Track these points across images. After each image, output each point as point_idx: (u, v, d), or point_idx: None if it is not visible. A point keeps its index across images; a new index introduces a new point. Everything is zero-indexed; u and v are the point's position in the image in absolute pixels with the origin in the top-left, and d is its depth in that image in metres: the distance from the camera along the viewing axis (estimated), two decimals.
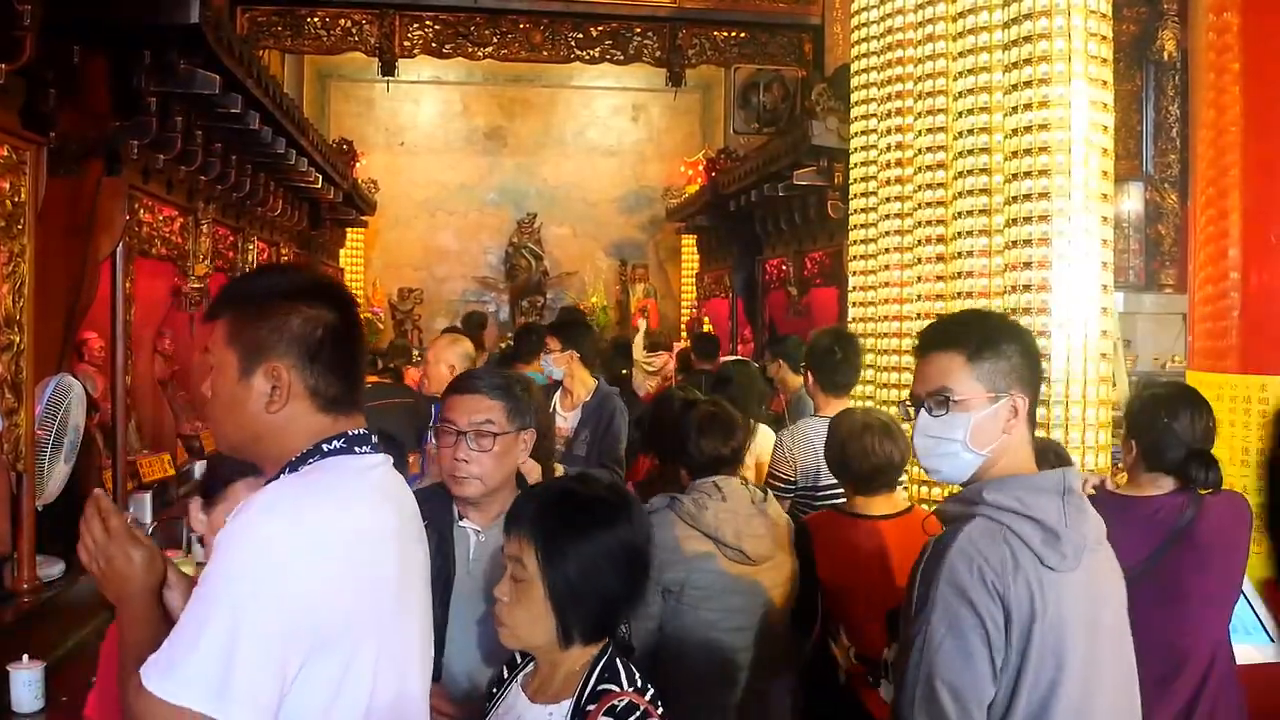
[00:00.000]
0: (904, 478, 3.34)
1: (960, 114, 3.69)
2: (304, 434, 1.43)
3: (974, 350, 1.73)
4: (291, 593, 1.28)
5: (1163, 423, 2.72)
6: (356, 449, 1.45)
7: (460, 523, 2.21)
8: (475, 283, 14.03)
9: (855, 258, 4.83)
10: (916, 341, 1.84)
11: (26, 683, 2.77)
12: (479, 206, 13.97)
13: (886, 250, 4.46)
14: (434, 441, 2.45)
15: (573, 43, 8.61)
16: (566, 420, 4.31)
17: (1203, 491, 2.69)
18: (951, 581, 1.61)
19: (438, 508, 2.17)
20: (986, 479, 1.72)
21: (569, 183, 14.01)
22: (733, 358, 6.38)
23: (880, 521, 2.86)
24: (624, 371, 6.87)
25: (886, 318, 4.45)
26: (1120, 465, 2.92)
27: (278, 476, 1.42)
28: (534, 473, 2.76)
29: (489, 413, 2.19)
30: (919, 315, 4.07)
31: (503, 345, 8.34)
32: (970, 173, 3.67)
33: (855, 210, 4.85)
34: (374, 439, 1.49)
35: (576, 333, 4.55)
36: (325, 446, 1.43)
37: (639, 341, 12.38)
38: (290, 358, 1.42)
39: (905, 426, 1.70)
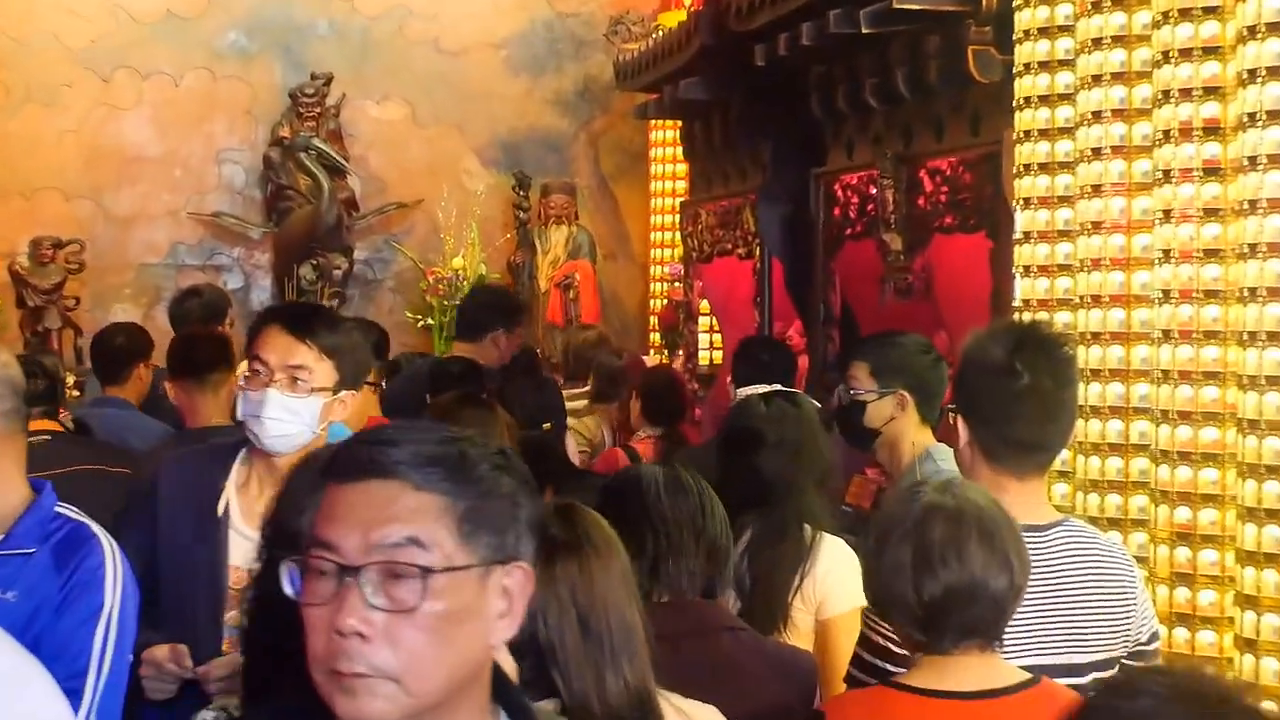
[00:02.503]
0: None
1: None
2: None
3: None
4: None
5: None
6: None
7: None
8: (200, 227, 14.11)
9: (1028, 170, 4.92)
10: None
11: None
12: (207, 62, 14.05)
13: (1098, 152, 4.55)
14: None
15: None
16: None
17: None
18: None
19: None
20: None
21: (402, 8, 14.13)
22: (761, 389, 6.41)
23: (965, 703, 3.08)
24: (547, 426, 6.89)
25: (1099, 299, 4.52)
26: None
27: None
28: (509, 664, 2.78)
29: (411, 522, 2.19)
30: (1166, 295, 4.14)
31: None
32: None
33: (1027, 66, 4.93)
34: None
35: (360, 358, 4.52)
36: None
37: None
38: None
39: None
